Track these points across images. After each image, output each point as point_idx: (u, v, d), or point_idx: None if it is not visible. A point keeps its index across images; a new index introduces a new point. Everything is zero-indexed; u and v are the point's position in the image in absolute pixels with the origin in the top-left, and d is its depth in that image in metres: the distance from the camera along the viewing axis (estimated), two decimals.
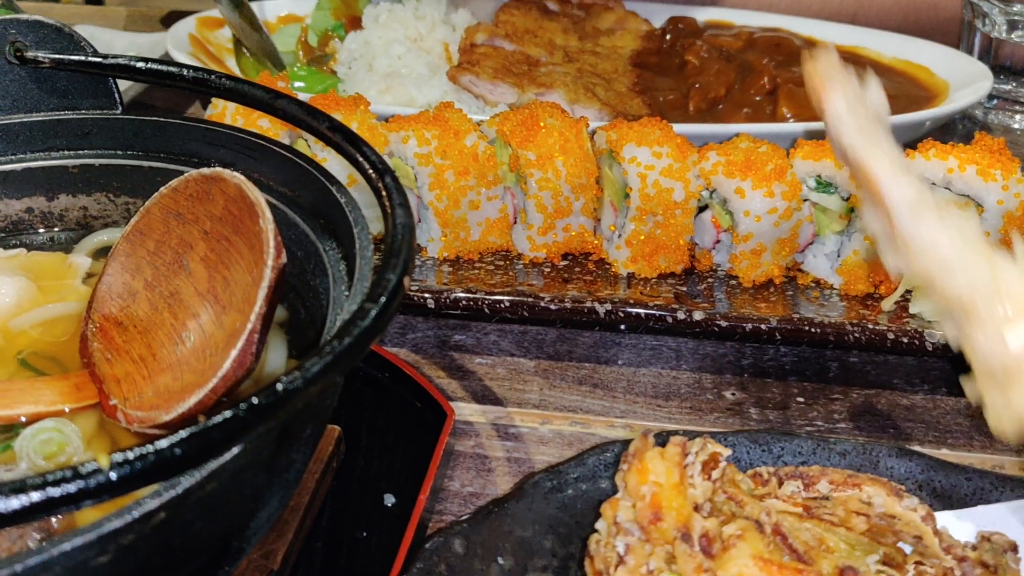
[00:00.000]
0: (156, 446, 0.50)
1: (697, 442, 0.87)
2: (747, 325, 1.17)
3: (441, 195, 1.25)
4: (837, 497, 0.87)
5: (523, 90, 1.64)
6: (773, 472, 0.91)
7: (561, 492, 0.94)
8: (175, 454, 0.51)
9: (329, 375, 0.57)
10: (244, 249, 0.80)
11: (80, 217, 1.02)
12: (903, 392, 1.21)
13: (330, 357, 0.58)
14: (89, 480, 0.48)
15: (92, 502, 0.49)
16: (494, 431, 1.15)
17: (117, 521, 0.53)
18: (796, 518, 0.85)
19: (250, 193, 0.79)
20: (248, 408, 0.53)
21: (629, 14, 2.00)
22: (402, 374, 1.12)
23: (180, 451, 0.51)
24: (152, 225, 0.88)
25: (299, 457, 0.72)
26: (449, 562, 0.86)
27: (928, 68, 1.85)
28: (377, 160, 0.78)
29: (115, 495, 0.49)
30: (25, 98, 1.00)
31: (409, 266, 0.67)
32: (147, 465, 0.50)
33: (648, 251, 1.25)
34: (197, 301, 0.82)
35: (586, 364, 1.25)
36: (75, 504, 0.48)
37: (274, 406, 0.54)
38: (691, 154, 1.24)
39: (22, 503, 0.46)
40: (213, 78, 0.91)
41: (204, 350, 0.78)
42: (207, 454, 0.53)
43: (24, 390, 0.77)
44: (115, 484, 0.49)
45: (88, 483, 0.48)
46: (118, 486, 0.49)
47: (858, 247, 1.22)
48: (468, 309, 1.22)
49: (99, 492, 0.48)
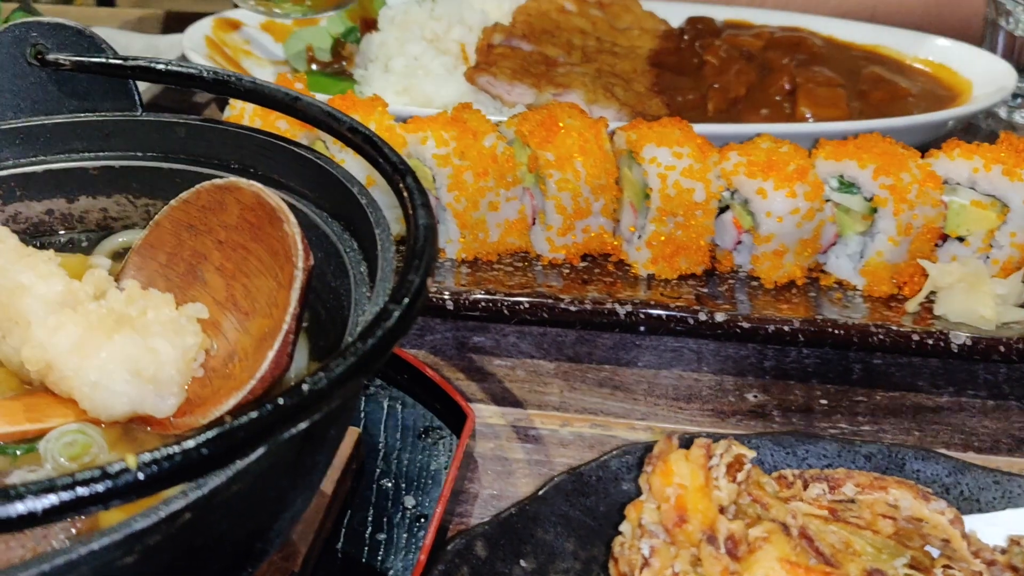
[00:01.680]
0: (183, 446, 0.50)
1: (722, 444, 0.87)
2: (770, 327, 1.16)
3: (460, 196, 1.25)
4: (863, 500, 0.86)
5: (541, 90, 1.63)
6: (798, 475, 0.90)
7: (583, 495, 0.94)
8: (202, 454, 0.50)
9: (354, 377, 0.57)
10: (264, 255, 0.80)
11: (100, 219, 1.01)
12: (928, 394, 1.20)
13: (354, 359, 0.57)
14: (117, 480, 0.48)
15: (120, 502, 0.48)
16: (514, 433, 1.14)
17: (144, 521, 0.53)
18: (822, 521, 0.84)
19: (270, 199, 0.79)
20: (274, 409, 0.53)
21: (647, 14, 1.99)
22: (421, 376, 1.11)
23: (207, 451, 0.50)
24: (163, 238, 0.88)
25: (323, 459, 0.71)
26: (471, 564, 0.85)
27: (950, 67, 1.84)
28: (398, 161, 0.78)
29: (142, 495, 0.49)
30: (45, 100, 1.00)
31: (432, 267, 0.67)
32: (174, 465, 0.49)
33: (668, 252, 1.24)
34: (216, 310, 0.82)
35: (606, 366, 1.25)
36: (103, 504, 0.48)
37: (300, 407, 0.54)
38: (712, 154, 1.24)
39: (51, 502, 0.46)
40: (233, 80, 0.91)
41: (231, 356, 0.78)
42: (233, 454, 0.52)
43: (52, 403, 0.76)
44: (143, 484, 0.48)
45: (116, 482, 0.48)
46: (146, 486, 0.49)
47: (882, 248, 1.21)
48: (487, 311, 1.21)
49: (127, 492, 0.48)
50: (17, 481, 0.72)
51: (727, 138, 1.39)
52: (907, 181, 1.18)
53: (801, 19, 2.03)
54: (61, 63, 0.97)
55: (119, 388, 0.73)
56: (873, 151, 1.21)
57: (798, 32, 1.97)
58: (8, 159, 0.97)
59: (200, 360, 0.78)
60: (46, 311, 0.77)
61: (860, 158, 1.21)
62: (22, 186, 0.98)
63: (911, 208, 1.18)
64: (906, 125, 1.57)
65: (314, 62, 1.92)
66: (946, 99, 1.76)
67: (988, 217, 1.21)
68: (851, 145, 1.24)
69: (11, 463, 0.74)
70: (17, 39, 0.97)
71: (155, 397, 0.74)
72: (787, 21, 2.03)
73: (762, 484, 0.85)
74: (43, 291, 0.78)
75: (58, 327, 0.75)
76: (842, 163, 1.22)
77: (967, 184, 1.22)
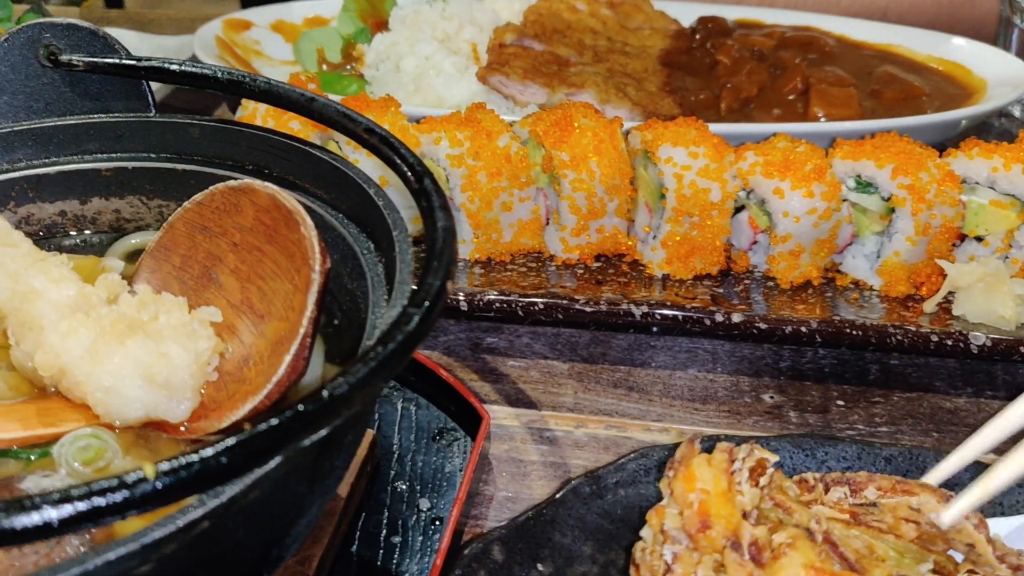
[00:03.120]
0: (201, 455, 0.49)
1: (744, 448, 0.85)
2: (787, 327, 1.15)
3: (473, 196, 1.24)
4: (885, 504, 0.85)
5: (554, 90, 1.62)
6: (819, 478, 0.89)
7: (601, 498, 0.93)
8: (220, 463, 0.49)
9: (374, 381, 0.56)
10: (280, 258, 0.80)
11: (113, 220, 1.01)
12: (946, 395, 1.19)
13: (374, 363, 0.56)
14: (135, 489, 0.47)
15: (137, 512, 0.47)
16: (528, 435, 1.13)
17: (161, 530, 0.52)
18: (844, 525, 0.83)
19: (286, 202, 0.78)
20: (294, 416, 0.52)
21: (658, 13, 1.98)
22: (435, 377, 1.10)
23: (226, 459, 0.49)
24: (177, 240, 0.87)
25: (340, 464, 0.70)
26: (488, 568, 0.85)
27: (964, 65, 1.83)
28: (415, 162, 0.77)
29: (160, 505, 0.48)
30: (58, 101, 1.00)
31: (451, 270, 0.66)
32: (192, 474, 0.48)
33: (684, 252, 1.23)
34: (231, 313, 0.81)
35: (621, 367, 1.24)
36: (121, 514, 0.47)
37: (320, 413, 0.53)
38: (728, 154, 1.22)
39: (68, 512, 0.45)
40: (248, 80, 0.90)
41: (245, 360, 0.77)
42: (252, 462, 0.51)
43: (65, 408, 0.76)
44: (160, 493, 0.47)
45: (134, 492, 0.47)
46: (163, 495, 0.48)
47: (899, 248, 1.20)
48: (501, 311, 1.20)
49: (144, 502, 0.47)
50: (31, 485, 0.71)
51: (741, 138, 1.38)
52: (925, 181, 1.17)
53: (813, 18, 2.02)
54: (74, 64, 0.96)
55: (132, 393, 0.72)
56: (891, 150, 1.20)
57: (810, 32, 1.96)
58: (21, 160, 0.97)
59: (214, 364, 0.77)
60: (59, 316, 0.76)
61: (878, 158, 1.19)
62: (35, 188, 0.97)
63: (929, 208, 1.17)
64: (920, 124, 1.56)
65: (324, 63, 1.92)
66: (960, 98, 1.75)
67: (1007, 217, 1.19)
68: (868, 145, 1.22)
69: (24, 467, 0.74)
70: (30, 40, 0.96)
71: (168, 402, 0.74)
72: (799, 20, 2.02)
73: (784, 488, 0.84)
74: (56, 296, 0.77)
75: (70, 332, 0.74)
76: (860, 163, 1.21)
77: (986, 183, 1.20)
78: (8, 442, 0.73)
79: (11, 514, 0.45)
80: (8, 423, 0.74)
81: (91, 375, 0.73)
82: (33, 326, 0.76)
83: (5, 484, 0.71)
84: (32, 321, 0.76)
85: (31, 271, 0.79)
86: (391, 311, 0.68)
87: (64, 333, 0.74)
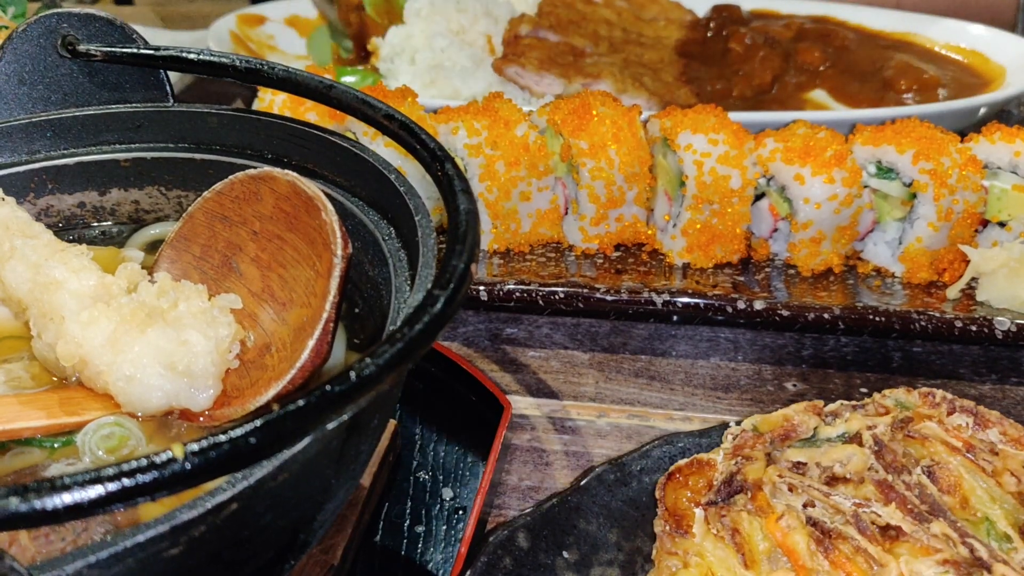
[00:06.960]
0: (231, 435, 0.48)
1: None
2: (809, 314, 1.14)
3: (491, 186, 1.23)
4: (1004, 451, 0.83)
5: (570, 80, 1.61)
6: (948, 399, 0.87)
7: (626, 485, 0.92)
8: (250, 443, 0.49)
9: (401, 363, 0.56)
10: (301, 245, 0.79)
11: (132, 211, 1.01)
12: (970, 382, 1.17)
13: (401, 344, 0.56)
14: (164, 470, 0.46)
15: (167, 492, 0.47)
16: (550, 424, 1.12)
17: (190, 512, 0.52)
18: (948, 450, 0.81)
19: (306, 188, 0.78)
20: (322, 396, 0.51)
21: (673, 4, 1.97)
22: (456, 367, 1.10)
23: (255, 440, 0.49)
24: (196, 230, 0.87)
25: (366, 448, 0.70)
26: (514, 555, 0.84)
27: (982, 53, 1.81)
28: (436, 147, 0.76)
29: (189, 485, 0.47)
30: (76, 92, 0.99)
31: (475, 252, 0.65)
32: (222, 454, 0.48)
33: (704, 240, 1.22)
34: (252, 301, 0.81)
35: (642, 356, 1.23)
36: (150, 495, 0.46)
37: (347, 394, 0.52)
38: (748, 141, 1.22)
39: (98, 493, 0.45)
40: (266, 68, 0.90)
41: (267, 348, 0.76)
42: (281, 443, 0.51)
43: (88, 397, 0.75)
44: (190, 473, 0.47)
45: (163, 473, 0.46)
46: (193, 476, 0.47)
47: (921, 234, 1.18)
48: (521, 301, 1.20)
49: (174, 482, 0.47)
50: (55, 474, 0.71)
51: (760, 126, 1.37)
52: (947, 166, 1.16)
53: (828, 8, 2.01)
54: (92, 54, 0.96)
55: (154, 382, 0.72)
56: (912, 135, 1.19)
57: (826, 21, 1.94)
58: (39, 152, 0.96)
59: (235, 351, 0.77)
60: (79, 306, 0.76)
61: (899, 143, 1.18)
62: (54, 179, 0.97)
63: (952, 193, 1.16)
64: (939, 111, 1.55)
65: (338, 57, 1.92)
66: (977, 86, 1.74)
67: None
68: (889, 130, 1.21)
69: (48, 456, 0.73)
70: (48, 30, 0.96)
71: (190, 390, 0.73)
72: (814, 10, 2.01)
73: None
74: (76, 286, 0.77)
75: (91, 322, 0.74)
76: (880, 148, 1.20)
77: (1008, 168, 1.19)
78: (32, 431, 0.73)
79: (42, 495, 0.44)
80: (32, 412, 0.74)
81: (112, 364, 0.72)
82: (54, 316, 0.76)
83: (30, 472, 0.71)
84: (53, 311, 0.76)
85: (51, 262, 0.79)
86: (416, 294, 0.68)
87: (85, 323, 0.74)
